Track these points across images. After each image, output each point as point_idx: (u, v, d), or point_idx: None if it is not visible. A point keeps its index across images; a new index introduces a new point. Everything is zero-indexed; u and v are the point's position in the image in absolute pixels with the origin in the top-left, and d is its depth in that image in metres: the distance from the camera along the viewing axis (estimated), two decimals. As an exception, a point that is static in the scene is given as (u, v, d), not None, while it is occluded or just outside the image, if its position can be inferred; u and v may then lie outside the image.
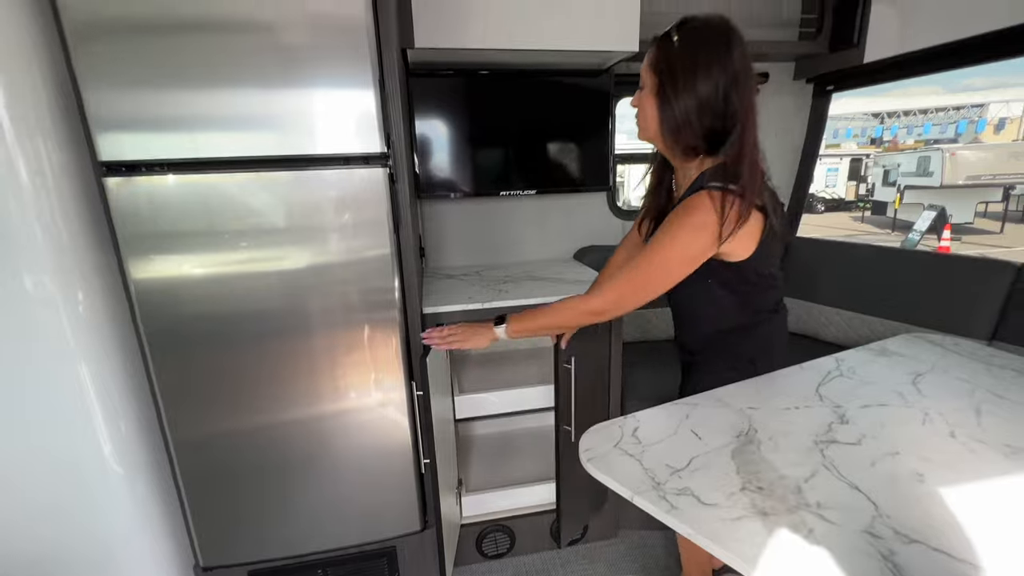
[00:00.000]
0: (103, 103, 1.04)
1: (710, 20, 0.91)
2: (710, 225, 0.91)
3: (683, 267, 0.97)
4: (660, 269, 0.97)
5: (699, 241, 0.93)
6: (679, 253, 0.95)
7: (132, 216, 1.11)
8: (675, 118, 0.91)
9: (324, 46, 1.09)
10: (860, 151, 18.39)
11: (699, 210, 0.91)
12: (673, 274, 0.98)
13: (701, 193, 0.92)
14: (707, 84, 0.88)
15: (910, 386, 1.04)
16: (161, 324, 1.18)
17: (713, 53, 0.88)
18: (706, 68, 0.87)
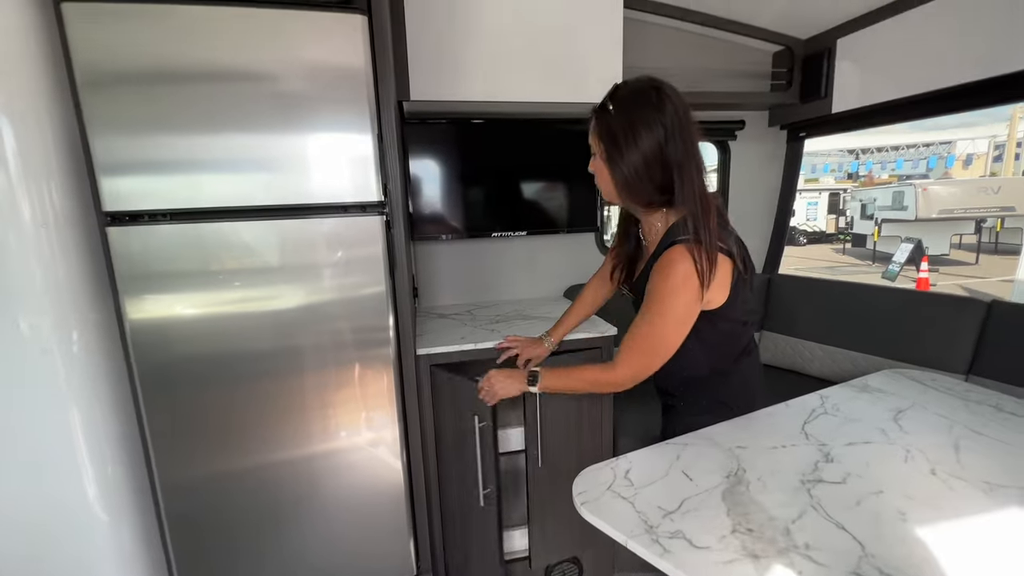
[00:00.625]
0: (110, 150, 1.08)
1: (638, 83, 0.97)
2: (691, 278, 0.94)
3: (680, 328, 0.99)
4: (663, 339, 1.00)
5: (686, 297, 0.96)
6: (672, 317, 0.98)
7: (131, 258, 1.14)
8: (626, 178, 0.97)
9: (325, 98, 1.16)
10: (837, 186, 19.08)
11: (677, 266, 0.95)
12: (673, 338, 1.00)
13: (673, 249, 0.96)
14: (647, 141, 0.93)
15: (892, 423, 1.08)
16: (154, 364, 1.19)
17: (645, 113, 0.93)
18: (643, 127, 0.93)
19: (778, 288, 2.31)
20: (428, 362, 1.52)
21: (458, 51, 1.62)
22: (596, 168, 1.04)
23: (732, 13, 2.01)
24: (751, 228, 2.50)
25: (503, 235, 2.07)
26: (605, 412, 1.70)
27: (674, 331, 0.99)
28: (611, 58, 1.74)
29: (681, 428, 1.14)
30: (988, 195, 11.28)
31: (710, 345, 1.09)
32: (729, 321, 1.07)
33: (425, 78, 1.60)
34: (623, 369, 1.02)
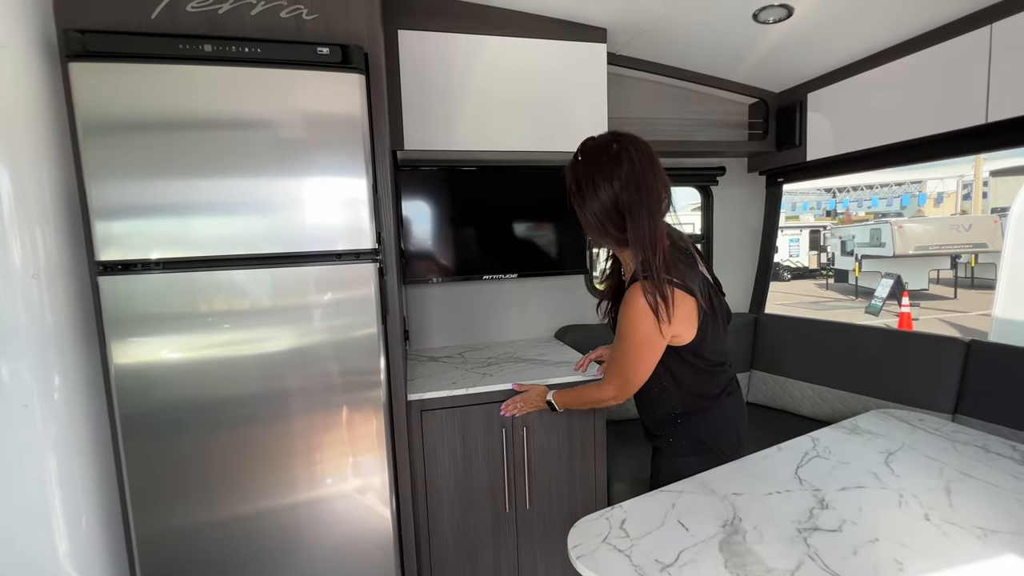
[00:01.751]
0: (106, 197, 1.09)
1: (603, 138, 1.08)
2: (647, 311, 1.03)
3: (644, 353, 1.10)
4: (630, 361, 1.12)
5: (643, 325, 1.05)
6: (635, 344, 1.09)
7: (120, 304, 1.13)
8: (588, 221, 1.09)
9: (322, 150, 1.19)
10: (817, 223, 19.69)
11: (634, 301, 1.05)
12: (640, 362, 1.11)
13: (634, 286, 1.05)
14: (604, 191, 1.04)
15: (883, 466, 1.08)
16: (137, 409, 1.16)
17: (604, 166, 1.04)
18: (601, 178, 1.04)
19: (765, 327, 2.35)
20: (419, 407, 1.50)
21: (450, 104, 1.69)
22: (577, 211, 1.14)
23: (709, 69, 2.14)
24: (736, 268, 2.56)
25: (494, 277, 2.09)
26: (599, 456, 1.68)
27: (639, 356, 1.10)
28: (596, 110, 1.83)
29: (666, 470, 1.19)
30: (960, 232, 11.70)
31: (684, 384, 1.17)
32: (702, 359, 1.14)
33: (418, 129, 1.67)
34: (606, 388, 1.18)
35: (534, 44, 1.75)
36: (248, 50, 1.13)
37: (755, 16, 1.66)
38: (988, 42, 1.48)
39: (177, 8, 1.17)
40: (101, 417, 1.20)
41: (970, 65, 1.53)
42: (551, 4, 1.70)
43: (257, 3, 1.21)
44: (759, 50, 1.91)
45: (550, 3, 1.69)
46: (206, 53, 1.11)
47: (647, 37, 1.90)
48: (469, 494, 1.58)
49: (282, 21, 1.22)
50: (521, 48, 1.74)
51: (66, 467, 1.13)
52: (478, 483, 1.58)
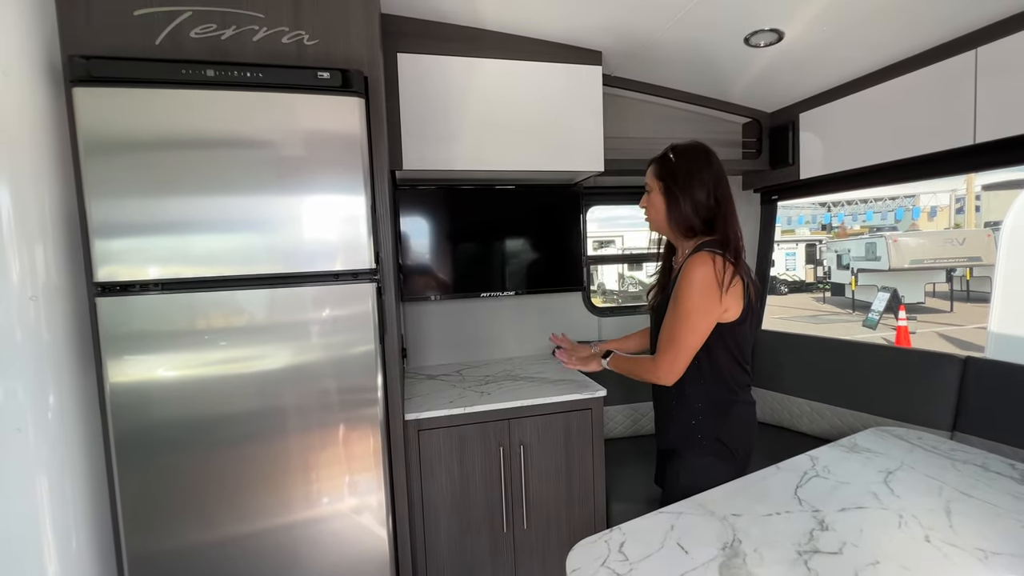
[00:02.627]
0: (106, 216, 1.10)
1: (692, 144, 1.29)
2: (711, 275, 1.15)
3: (701, 316, 1.17)
4: (687, 324, 1.18)
5: (705, 288, 1.15)
6: (695, 306, 1.16)
7: (117, 323, 1.13)
8: (680, 210, 1.23)
9: (321, 171, 1.21)
10: (813, 237, 19.84)
11: (700, 266, 1.16)
12: (698, 324, 1.17)
13: (699, 254, 1.18)
14: (700, 186, 1.22)
15: (883, 485, 1.08)
16: (131, 428, 1.16)
17: (699, 162, 1.24)
18: (697, 175, 1.22)
19: (763, 344, 2.35)
20: (416, 427, 1.49)
21: (448, 124, 1.72)
22: (651, 204, 1.30)
23: (702, 90, 2.18)
24: (732, 284, 2.57)
25: (492, 295, 2.10)
26: (598, 476, 1.67)
27: (697, 319, 1.17)
28: (592, 130, 1.86)
29: (687, 473, 1.24)
30: (954, 246, 11.80)
31: (716, 366, 1.23)
32: (737, 347, 1.23)
33: (417, 149, 1.69)
34: (660, 361, 1.21)
35: (531, 66, 1.78)
36: (250, 75, 1.15)
37: (747, 40, 1.70)
38: (974, 66, 1.52)
39: (181, 34, 1.19)
40: (95, 436, 1.19)
41: (957, 88, 1.57)
42: (546, 28, 1.74)
43: (260, 29, 1.24)
44: (751, 72, 1.95)
45: (545, 28, 1.73)
46: (209, 78, 1.13)
47: (641, 60, 1.94)
48: (466, 515, 1.56)
49: (284, 46, 1.25)
50: (518, 70, 1.77)
51: (57, 488, 1.11)
52: (475, 503, 1.57)
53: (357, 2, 1.29)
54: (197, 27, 1.20)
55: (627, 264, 13.87)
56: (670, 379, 1.21)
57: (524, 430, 1.59)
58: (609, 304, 12.79)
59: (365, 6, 1.29)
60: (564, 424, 1.62)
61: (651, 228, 1.34)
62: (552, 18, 1.67)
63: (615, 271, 14.15)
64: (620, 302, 13.09)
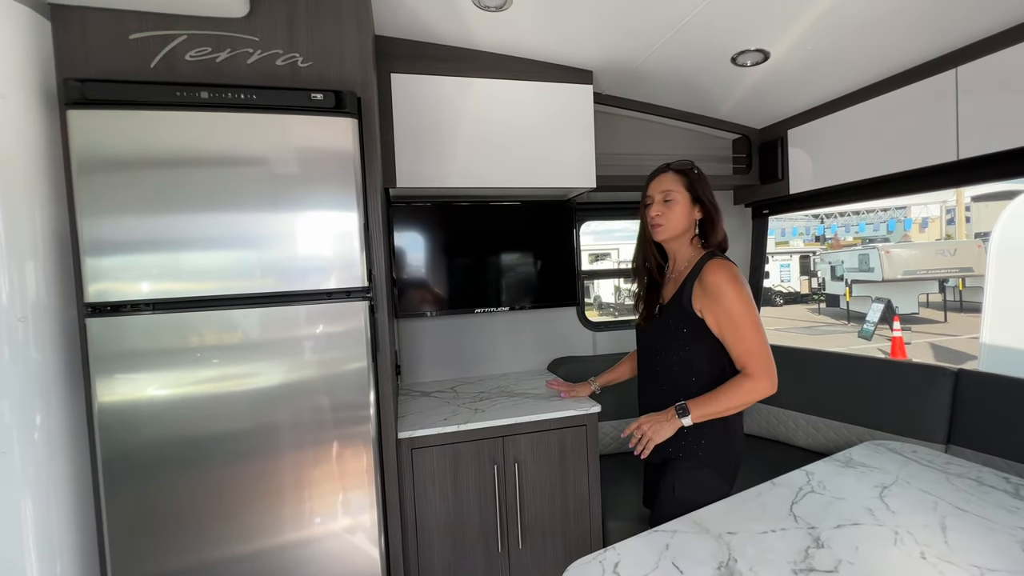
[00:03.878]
0: (97, 231, 1.10)
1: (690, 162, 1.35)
2: (737, 273, 1.20)
3: (752, 308, 1.20)
4: (760, 332, 1.20)
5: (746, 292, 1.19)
6: (750, 309, 1.19)
7: (107, 341, 1.13)
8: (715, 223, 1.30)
9: (314, 190, 1.22)
10: (807, 248, 20.00)
11: (723, 266, 1.21)
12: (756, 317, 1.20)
13: (717, 260, 1.23)
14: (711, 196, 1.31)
15: (878, 501, 1.08)
16: (120, 448, 1.14)
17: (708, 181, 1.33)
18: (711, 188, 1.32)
19: (757, 357, 2.35)
20: (410, 445, 1.48)
21: (442, 143, 1.73)
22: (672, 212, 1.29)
23: (691, 107, 2.22)
24: (726, 298, 2.58)
25: (486, 310, 2.10)
26: (593, 493, 1.65)
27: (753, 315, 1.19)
28: (584, 147, 1.88)
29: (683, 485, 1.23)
30: (946, 257, 11.92)
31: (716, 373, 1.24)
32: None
33: (411, 166, 1.70)
34: (760, 379, 1.18)
35: (523, 85, 1.81)
36: (244, 96, 1.16)
37: (733, 60, 1.74)
38: (954, 84, 1.56)
39: (176, 57, 1.21)
40: (83, 457, 1.18)
41: (939, 106, 1.60)
42: (538, 49, 1.77)
43: (254, 52, 1.25)
44: (739, 90, 1.99)
45: (536, 48, 1.76)
46: (203, 100, 1.14)
47: (631, 79, 1.97)
48: (460, 534, 1.54)
49: (278, 68, 1.27)
50: (510, 89, 1.80)
51: (43, 510, 1.10)
52: (470, 522, 1.55)
53: (351, 26, 1.31)
54: (192, 50, 1.22)
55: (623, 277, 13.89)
56: (775, 384, 1.19)
57: (519, 447, 1.58)
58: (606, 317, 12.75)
59: (359, 29, 1.32)
60: (559, 441, 1.61)
61: (659, 236, 1.30)
62: (543, 40, 1.71)
63: (612, 284, 14.19)
64: (617, 315, 13.10)
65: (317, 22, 1.29)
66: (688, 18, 1.51)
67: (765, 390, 1.18)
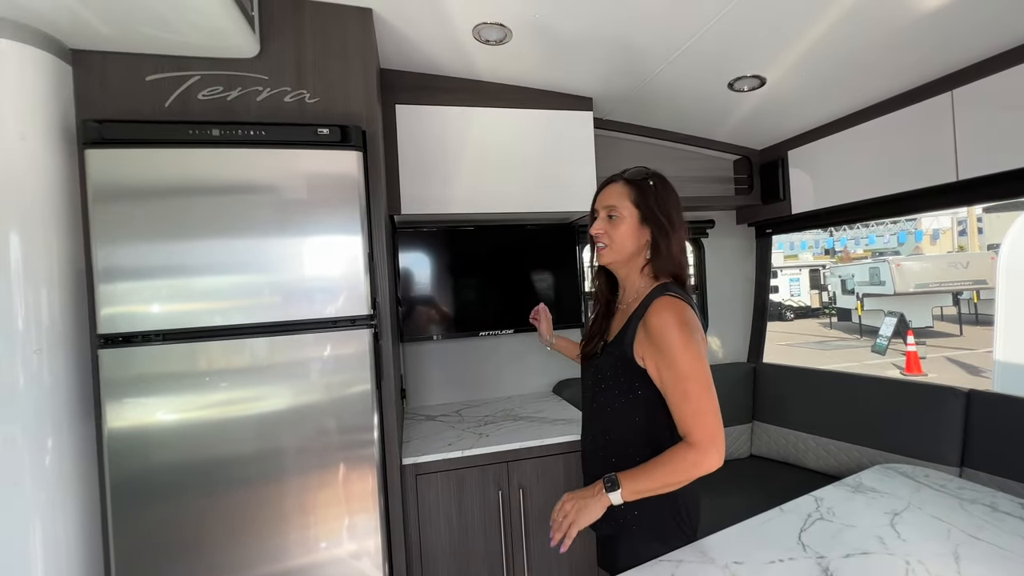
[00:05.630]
0: (110, 261, 1.14)
1: (659, 174, 1.12)
2: (687, 318, 0.98)
3: (702, 362, 0.98)
4: (696, 380, 0.96)
5: (693, 333, 0.98)
6: (691, 352, 0.96)
7: (118, 370, 1.16)
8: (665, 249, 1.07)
9: (319, 222, 1.25)
10: (816, 261, 19.84)
11: (672, 307, 0.99)
12: (706, 374, 0.97)
13: (666, 299, 1.00)
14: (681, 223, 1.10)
15: (889, 528, 1.05)
16: (127, 472, 1.16)
17: (675, 198, 1.10)
18: (676, 209, 1.09)
19: (764, 377, 2.33)
20: (414, 471, 1.48)
21: (446, 170, 1.77)
22: (616, 231, 1.08)
23: (691, 130, 2.25)
24: (731, 318, 2.58)
25: (491, 333, 2.11)
26: (600, 518, 1.63)
27: (702, 371, 0.97)
28: (586, 171, 1.91)
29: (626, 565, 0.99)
30: (959, 269, 11.75)
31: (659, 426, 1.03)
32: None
33: (415, 194, 1.74)
34: (698, 440, 0.94)
35: (524, 113, 1.85)
36: (253, 132, 1.20)
37: (730, 85, 1.77)
38: (951, 107, 1.57)
39: (189, 96, 1.26)
40: (91, 482, 1.19)
41: (936, 127, 1.61)
42: (539, 79, 1.82)
43: (263, 90, 1.30)
44: (738, 114, 2.02)
45: (538, 78, 1.81)
46: (214, 137, 1.18)
47: (630, 104, 2.01)
48: (465, 561, 1.53)
49: (286, 105, 1.31)
50: (512, 117, 1.84)
51: (51, 535, 1.11)
52: (475, 550, 1.53)
53: (356, 63, 1.36)
54: (205, 89, 1.27)
55: (630, 293, 13.75)
56: (722, 456, 0.95)
57: (524, 472, 1.57)
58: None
59: (363, 66, 1.37)
60: (564, 466, 1.60)
61: (602, 260, 1.11)
62: (543, 70, 1.75)
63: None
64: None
65: (324, 60, 1.34)
66: (685, 46, 1.55)
67: (711, 464, 0.94)
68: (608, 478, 0.98)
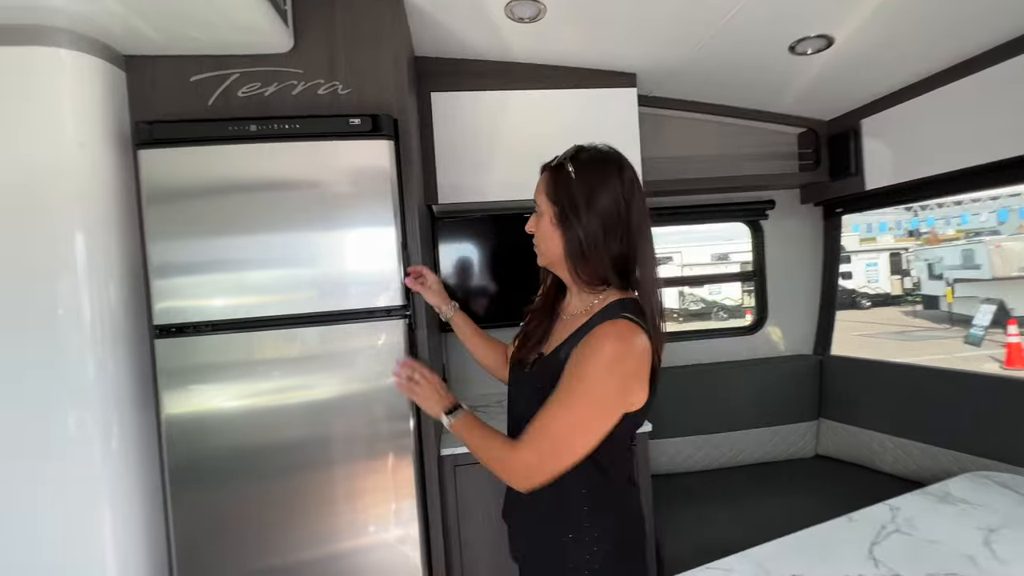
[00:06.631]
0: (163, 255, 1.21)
1: (601, 151, 0.92)
2: (626, 360, 0.81)
3: (599, 415, 0.82)
4: (578, 418, 0.81)
5: (613, 380, 0.81)
6: (596, 398, 0.81)
7: (172, 359, 1.22)
8: (580, 243, 0.87)
9: (351, 211, 1.26)
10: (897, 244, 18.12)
11: (613, 337, 0.81)
12: (591, 425, 0.82)
13: (615, 323, 0.82)
14: (606, 208, 0.86)
15: (983, 547, 0.92)
16: (184, 458, 1.22)
17: (607, 179, 0.87)
18: (603, 194, 0.86)
19: (832, 371, 2.14)
20: (453, 462, 1.47)
21: (483, 157, 1.74)
22: (539, 229, 0.94)
23: (749, 102, 2.08)
24: (794, 306, 2.38)
25: (533, 323, 2.07)
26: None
27: (591, 417, 0.81)
28: (629, 152, 1.77)
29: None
30: (1074, 249, 10.32)
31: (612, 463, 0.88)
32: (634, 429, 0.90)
33: (452, 182, 1.72)
34: (524, 451, 0.83)
35: (563, 94, 1.78)
36: (288, 126, 1.23)
37: (791, 48, 1.60)
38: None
39: (230, 94, 1.30)
40: (151, 465, 1.28)
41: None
42: (577, 56, 1.73)
43: (299, 84, 1.32)
44: (802, 80, 1.83)
45: (576, 55, 1.73)
46: (251, 132, 1.22)
47: (678, 78, 1.88)
48: (506, 557, 1.50)
49: (319, 97, 1.33)
50: (550, 99, 1.77)
51: (120, 513, 1.20)
52: (516, 544, 1.51)
53: (387, 52, 1.35)
54: (244, 87, 1.30)
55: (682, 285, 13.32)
56: (528, 484, 0.83)
57: (565, 467, 1.53)
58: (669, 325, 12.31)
59: (394, 56, 1.35)
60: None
61: (541, 263, 0.98)
62: (581, 47, 1.67)
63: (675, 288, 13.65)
64: (681, 321, 12.57)
65: (355, 51, 1.34)
66: (738, 7, 1.41)
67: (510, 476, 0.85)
68: (458, 406, 0.94)
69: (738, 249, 13.15)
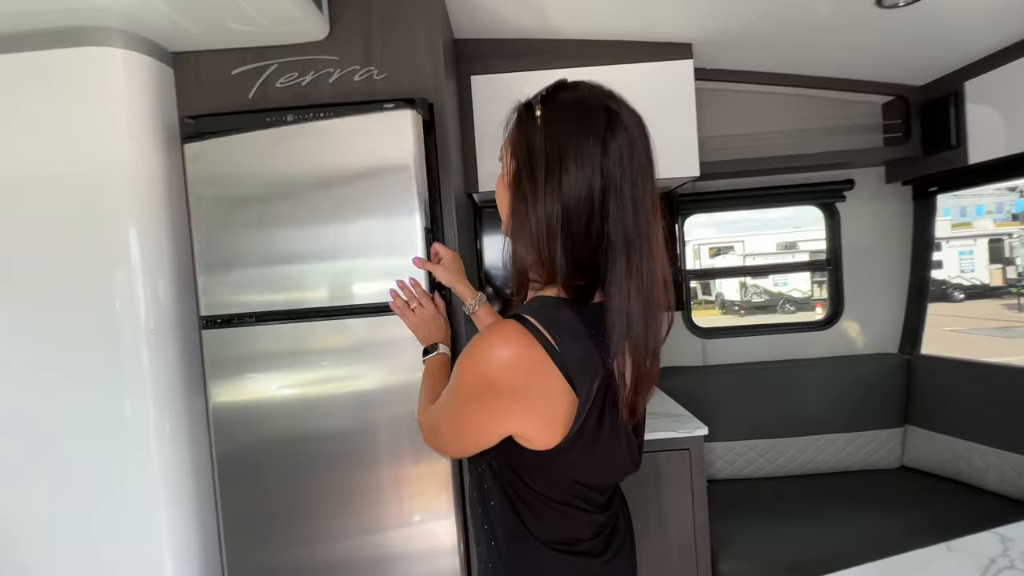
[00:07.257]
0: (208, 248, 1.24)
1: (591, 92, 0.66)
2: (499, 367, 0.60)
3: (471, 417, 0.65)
4: (452, 416, 0.68)
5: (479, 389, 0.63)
6: (465, 395, 0.65)
7: (219, 349, 1.25)
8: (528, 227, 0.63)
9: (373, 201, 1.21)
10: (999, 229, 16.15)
11: (503, 334, 0.60)
12: (463, 423, 0.67)
13: (506, 322, 0.62)
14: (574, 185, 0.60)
15: None
16: (232, 446, 1.25)
17: (582, 142, 0.61)
18: (572, 163, 0.60)
19: (921, 372, 1.89)
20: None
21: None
22: (498, 188, 0.74)
23: (824, 70, 1.85)
24: (874, 299, 2.13)
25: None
26: (699, 524, 1.43)
27: (460, 421, 0.67)
28: (685, 131, 1.66)
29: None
30: None
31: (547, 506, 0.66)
32: (563, 487, 0.67)
33: (491, 171, 1.66)
34: (423, 420, 0.82)
35: (610, 70, 1.66)
36: (323, 114, 1.20)
37: (879, 1, 1.39)
38: None
39: (269, 85, 1.31)
40: (203, 450, 1.32)
41: None
42: (625, 28, 1.60)
43: (335, 71, 1.30)
44: (889, 39, 1.59)
45: (624, 27, 1.60)
46: (288, 123, 1.20)
47: (740, 46, 1.70)
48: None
49: (356, 84, 1.30)
50: (596, 76, 1.61)
51: (174, 495, 1.25)
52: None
53: (422, 36, 1.30)
54: (282, 77, 1.30)
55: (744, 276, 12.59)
56: (424, 435, 0.80)
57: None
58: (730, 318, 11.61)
59: (429, 39, 1.30)
60: (654, 466, 1.42)
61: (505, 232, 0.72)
62: (629, 17, 1.54)
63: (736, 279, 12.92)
64: (743, 313, 11.89)
65: (390, 35, 1.30)
66: (811, -41, 1.23)
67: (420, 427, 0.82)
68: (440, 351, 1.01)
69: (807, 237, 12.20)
